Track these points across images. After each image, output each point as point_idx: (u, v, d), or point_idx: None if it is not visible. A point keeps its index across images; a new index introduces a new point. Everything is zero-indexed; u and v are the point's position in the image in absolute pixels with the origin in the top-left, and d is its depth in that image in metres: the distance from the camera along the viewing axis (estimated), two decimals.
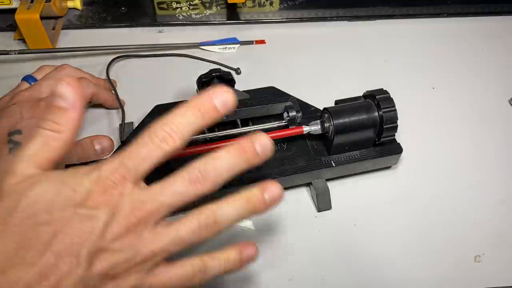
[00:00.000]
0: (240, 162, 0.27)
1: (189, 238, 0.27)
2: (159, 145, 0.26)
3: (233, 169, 0.27)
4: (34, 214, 0.24)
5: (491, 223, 0.42)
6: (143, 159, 0.26)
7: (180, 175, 0.27)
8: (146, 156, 0.26)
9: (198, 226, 0.27)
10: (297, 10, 0.63)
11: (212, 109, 0.27)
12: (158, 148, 0.26)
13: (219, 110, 0.27)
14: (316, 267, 0.39)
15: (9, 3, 0.56)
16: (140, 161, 0.26)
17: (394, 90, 0.43)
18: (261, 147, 0.28)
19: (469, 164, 0.47)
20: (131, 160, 0.26)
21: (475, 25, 0.63)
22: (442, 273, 0.39)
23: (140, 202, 0.26)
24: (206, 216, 0.27)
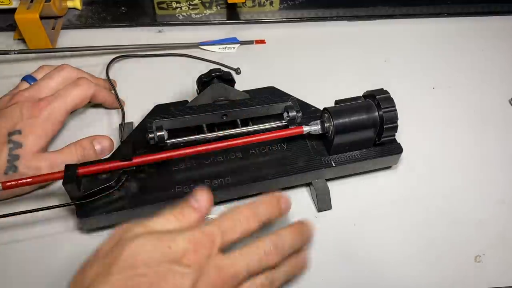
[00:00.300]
0: (298, 241, 0.34)
1: None
2: (243, 223, 0.32)
3: (293, 246, 0.34)
4: (134, 266, 0.27)
5: (492, 223, 0.42)
6: (230, 230, 0.31)
7: (257, 250, 0.31)
8: (232, 229, 0.31)
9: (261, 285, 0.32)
10: (297, 10, 0.63)
11: (279, 210, 0.34)
12: (244, 225, 0.32)
13: (282, 212, 0.35)
14: (316, 267, 0.39)
15: (8, 3, 0.56)
16: (228, 232, 0.31)
17: (394, 90, 0.43)
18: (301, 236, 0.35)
19: (469, 164, 0.47)
20: (220, 229, 0.31)
21: (475, 25, 0.63)
22: (443, 273, 0.39)
23: (224, 266, 0.30)
24: (267, 277, 0.32)
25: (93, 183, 0.38)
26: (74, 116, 0.49)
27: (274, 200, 0.35)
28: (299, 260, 0.35)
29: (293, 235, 0.34)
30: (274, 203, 0.34)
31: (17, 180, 0.36)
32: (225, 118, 0.43)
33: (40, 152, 0.42)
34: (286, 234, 0.33)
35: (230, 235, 0.31)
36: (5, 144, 0.40)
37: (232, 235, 0.31)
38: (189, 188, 0.40)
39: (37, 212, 0.38)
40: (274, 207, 0.34)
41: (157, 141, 0.40)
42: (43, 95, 0.44)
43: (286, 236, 0.33)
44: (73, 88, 0.44)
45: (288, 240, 0.33)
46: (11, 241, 0.40)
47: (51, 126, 0.42)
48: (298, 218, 0.41)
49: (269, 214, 0.34)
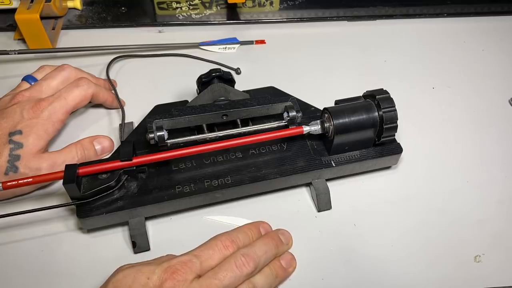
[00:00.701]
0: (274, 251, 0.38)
1: None
2: (222, 251, 0.35)
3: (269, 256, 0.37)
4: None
5: (491, 223, 0.42)
6: (207, 258, 0.34)
7: (230, 264, 0.34)
8: (211, 257, 0.34)
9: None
10: (297, 10, 0.63)
11: (281, 243, 0.38)
12: (221, 253, 0.35)
13: (284, 244, 0.39)
14: (316, 267, 0.39)
15: (9, 3, 0.56)
16: (205, 259, 0.34)
17: (394, 90, 0.43)
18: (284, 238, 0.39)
19: (469, 164, 0.47)
20: (198, 259, 0.34)
21: (475, 25, 0.63)
22: (442, 273, 0.39)
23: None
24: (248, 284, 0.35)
25: (93, 183, 0.38)
26: (74, 116, 0.49)
27: (252, 226, 0.38)
28: (280, 263, 0.37)
29: (265, 242, 0.37)
30: (252, 228, 0.38)
31: (17, 180, 0.36)
32: (225, 118, 0.43)
33: (41, 152, 0.42)
34: (257, 243, 0.36)
35: (209, 262, 0.34)
36: (6, 144, 0.40)
37: (210, 262, 0.34)
38: (189, 188, 0.40)
39: (37, 212, 0.38)
40: (253, 232, 0.38)
41: (157, 141, 0.40)
42: (44, 95, 0.44)
43: (257, 245, 0.36)
44: (73, 88, 0.44)
45: (259, 247, 0.36)
46: (11, 241, 0.40)
47: (51, 126, 0.42)
48: (296, 220, 0.41)
49: (248, 240, 0.37)
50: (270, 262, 0.37)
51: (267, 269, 0.37)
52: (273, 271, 0.37)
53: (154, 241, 0.40)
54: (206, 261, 0.34)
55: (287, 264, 0.38)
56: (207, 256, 0.34)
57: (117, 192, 0.39)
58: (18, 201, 0.42)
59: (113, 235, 0.40)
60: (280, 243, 0.38)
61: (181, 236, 0.40)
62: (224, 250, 0.35)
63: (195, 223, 0.41)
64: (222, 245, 0.35)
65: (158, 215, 0.41)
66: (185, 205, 0.41)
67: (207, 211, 0.42)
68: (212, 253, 0.35)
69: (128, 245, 0.40)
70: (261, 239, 0.37)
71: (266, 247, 0.36)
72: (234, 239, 0.36)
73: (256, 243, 0.36)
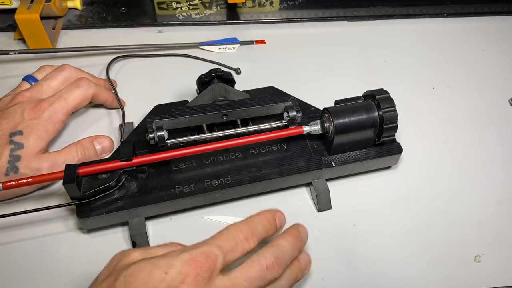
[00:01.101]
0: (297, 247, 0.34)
1: None
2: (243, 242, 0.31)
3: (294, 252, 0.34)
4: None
5: (491, 223, 0.42)
6: (230, 251, 0.30)
7: (258, 261, 0.31)
8: (233, 249, 0.30)
9: None
10: (297, 10, 0.63)
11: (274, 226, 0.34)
12: (241, 246, 0.31)
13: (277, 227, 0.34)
14: (316, 267, 0.39)
15: (9, 3, 0.56)
16: (228, 252, 0.30)
17: (394, 90, 0.43)
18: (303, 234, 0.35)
19: (469, 164, 0.47)
20: (221, 250, 0.30)
21: (475, 25, 0.63)
22: (442, 273, 0.39)
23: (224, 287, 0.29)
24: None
25: (93, 183, 0.38)
26: (74, 116, 0.49)
27: (270, 217, 0.34)
28: (300, 264, 0.35)
29: (292, 243, 0.34)
30: (271, 220, 0.34)
31: (17, 180, 0.36)
32: (225, 118, 0.43)
33: (41, 152, 0.42)
34: (285, 244, 0.33)
35: (232, 255, 0.30)
36: (7, 145, 0.40)
37: (233, 255, 0.30)
38: (189, 188, 0.40)
39: (37, 212, 0.38)
40: (271, 224, 0.34)
41: (157, 141, 0.40)
42: (44, 96, 0.44)
43: (285, 246, 0.33)
44: (74, 88, 0.44)
45: (287, 250, 0.33)
46: (11, 241, 0.40)
47: (52, 127, 0.42)
48: (296, 220, 0.41)
49: (266, 233, 0.33)
50: (294, 262, 0.35)
51: (289, 272, 0.34)
52: (293, 273, 0.34)
53: (154, 241, 0.40)
54: (229, 254, 0.30)
55: (305, 266, 0.35)
56: (230, 248, 0.30)
57: (117, 192, 0.39)
58: (18, 201, 0.42)
59: (113, 235, 0.40)
60: (302, 243, 0.35)
61: (181, 236, 0.40)
62: (245, 243, 0.31)
63: (195, 223, 0.41)
64: (244, 237, 0.31)
65: (158, 215, 0.41)
66: (185, 205, 0.41)
67: (207, 211, 0.42)
68: (235, 245, 0.31)
69: (128, 245, 0.40)
70: (286, 238, 0.34)
71: (293, 248, 0.34)
72: (254, 230, 0.32)
73: (284, 244, 0.33)
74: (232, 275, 0.29)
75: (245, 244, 0.31)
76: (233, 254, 0.30)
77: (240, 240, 0.31)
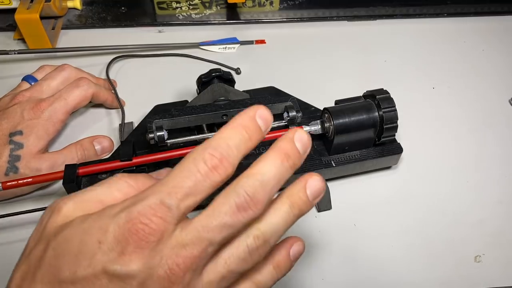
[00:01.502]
0: (287, 169, 0.24)
1: (241, 268, 0.24)
2: (208, 175, 0.22)
3: (281, 180, 0.24)
4: (58, 269, 0.22)
5: (492, 223, 0.42)
6: (188, 194, 0.22)
7: (225, 202, 0.22)
8: (192, 190, 0.22)
9: (248, 253, 0.23)
10: (297, 10, 0.63)
11: (258, 130, 0.24)
12: (207, 179, 0.22)
13: (262, 131, 0.25)
14: (316, 267, 0.39)
15: (8, 3, 0.56)
16: (184, 196, 0.22)
17: (394, 90, 0.43)
18: (302, 145, 0.25)
19: (469, 164, 0.47)
20: (174, 197, 0.22)
21: (475, 25, 0.63)
22: (442, 273, 0.39)
23: (183, 247, 0.22)
24: (254, 238, 0.23)
25: (93, 183, 0.38)
26: (74, 116, 0.49)
27: (248, 120, 0.24)
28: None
29: (279, 164, 0.24)
30: (249, 125, 0.24)
31: (17, 180, 0.36)
32: (225, 118, 0.43)
33: (41, 152, 0.42)
34: (267, 168, 0.23)
35: (192, 199, 0.22)
36: (7, 144, 0.40)
37: (194, 199, 0.22)
38: None
39: (37, 212, 0.38)
40: (251, 131, 0.24)
41: (157, 141, 0.40)
42: (44, 96, 0.44)
43: (268, 171, 0.23)
44: (73, 88, 0.44)
45: (272, 176, 0.23)
46: (11, 241, 0.40)
47: (52, 127, 0.42)
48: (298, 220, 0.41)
49: (245, 148, 0.24)
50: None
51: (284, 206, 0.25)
52: (295, 207, 0.25)
53: None
54: (188, 198, 0.22)
55: (313, 192, 0.25)
56: (187, 189, 0.22)
57: None
58: (18, 201, 0.42)
59: None
60: (298, 160, 0.25)
61: None
62: (212, 176, 0.22)
63: None
64: (209, 167, 0.22)
65: None
66: None
67: None
68: (195, 183, 0.22)
69: None
70: (271, 157, 0.24)
71: (281, 171, 0.24)
72: (224, 152, 0.23)
73: (266, 169, 0.23)
74: (191, 227, 0.22)
75: (212, 177, 0.22)
76: (194, 197, 0.22)
77: (203, 174, 0.22)
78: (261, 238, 0.23)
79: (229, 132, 0.23)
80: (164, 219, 0.21)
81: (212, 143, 0.23)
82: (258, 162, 0.24)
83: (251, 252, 0.23)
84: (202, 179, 0.22)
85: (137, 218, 0.21)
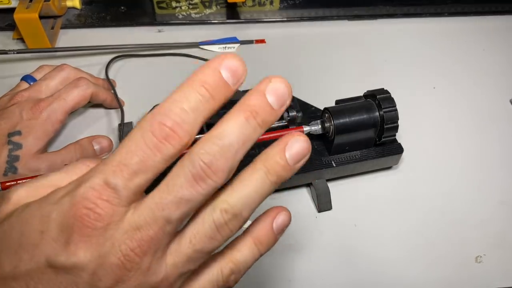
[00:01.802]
0: (255, 128, 0.20)
1: (209, 247, 0.21)
2: (159, 147, 0.19)
3: (247, 142, 0.20)
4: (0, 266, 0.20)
5: (493, 224, 0.42)
6: (136, 171, 0.19)
7: (180, 174, 0.19)
8: (140, 166, 0.19)
9: (215, 229, 0.20)
10: (297, 9, 0.63)
11: (222, 84, 0.20)
12: (158, 152, 0.19)
13: (229, 85, 0.21)
14: (316, 268, 0.39)
15: (8, 2, 0.56)
16: (132, 175, 0.19)
17: (395, 89, 0.43)
18: (276, 97, 0.21)
19: (470, 164, 0.47)
20: (119, 175, 0.19)
21: (476, 25, 0.63)
22: (443, 273, 0.39)
23: (137, 229, 0.19)
24: (222, 212, 0.20)
25: None
26: (73, 116, 0.49)
27: (209, 74, 0.20)
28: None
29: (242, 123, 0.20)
30: (209, 81, 0.20)
31: (16, 180, 0.36)
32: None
33: (40, 153, 0.41)
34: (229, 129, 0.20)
35: (142, 177, 0.19)
36: (5, 145, 0.40)
37: (144, 176, 0.19)
38: None
39: None
40: (212, 88, 0.20)
41: None
42: (43, 96, 0.44)
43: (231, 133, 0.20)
44: (72, 88, 0.44)
45: (235, 138, 0.20)
46: None
47: (51, 127, 0.42)
48: (296, 221, 0.41)
49: (206, 109, 0.20)
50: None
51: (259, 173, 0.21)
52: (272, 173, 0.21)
53: None
54: (137, 175, 0.19)
55: (293, 155, 0.21)
56: (135, 168, 0.19)
57: None
58: None
59: None
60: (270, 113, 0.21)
61: None
62: (162, 147, 0.19)
63: None
64: (158, 139, 0.19)
65: None
66: None
67: None
68: (143, 157, 0.19)
69: None
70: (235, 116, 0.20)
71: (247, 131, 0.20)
72: (178, 117, 0.19)
73: (227, 131, 0.20)
74: (143, 206, 0.19)
75: (164, 150, 0.19)
76: (145, 175, 0.19)
77: (152, 148, 0.19)
78: (230, 212, 0.20)
79: (184, 92, 0.19)
80: (111, 202, 0.19)
81: (162, 108, 0.19)
82: (218, 123, 0.20)
83: (219, 228, 0.20)
84: (152, 153, 0.19)
85: (80, 202, 0.19)
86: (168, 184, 0.19)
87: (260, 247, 0.24)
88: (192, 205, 0.19)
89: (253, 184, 0.21)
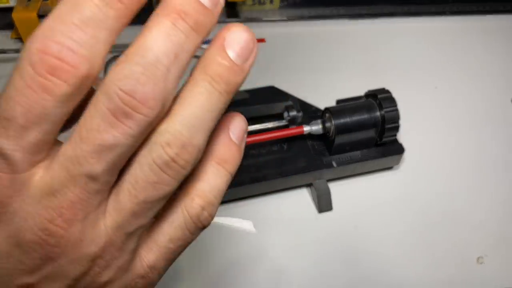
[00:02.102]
0: (187, 34, 0.16)
1: (159, 194, 0.17)
2: (45, 86, 0.14)
3: (180, 54, 0.16)
4: None
5: (494, 224, 0.42)
6: (25, 125, 0.14)
7: (94, 114, 0.15)
8: (28, 117, 0.14)
9: (157, 170, 0.16)
10: (297, 8, 0.62)
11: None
12: (46, 94, 0.14)
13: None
14: (316, 269, 0.38)
15: (6, 1, 0.56)
16: (20, 130, 0.15)
17: (396, 89, 0.42)
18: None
19: (471, 164, 0.47)
20: (3, 135, 0.15)
21: (478, 24, 0.63)
22: (444, 274, 0.39)
23: (51, 195, 0.15)
24: (164, 147, 0.16)
25: None
26: None
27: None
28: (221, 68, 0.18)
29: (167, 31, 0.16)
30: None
31: None
32: None
33: None
34: (152, 41, 0.17)
35: (36, 130, 0.15)
36: None
37: (38, 128, 0.15)
38: None
39: None
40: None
41: None
42: None
43: (156, 47, 0.16)
44: None
45: (161, 52, 0.16)
46: None
47: None
48: (296, 222, 0.40)
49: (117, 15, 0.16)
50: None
51: (202, 84, 0.18)
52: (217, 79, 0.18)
53: None
54: (26, 132, 0.15)
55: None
56: (21, 121, 0.14)
57: None
58: None
59: None
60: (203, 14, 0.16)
61: None
62: (49, 85, 0.14)
63: None
64: (41, 74, 0.14)
65: None
66: None
67: None
68: (28, 109, 0.14)
69: None
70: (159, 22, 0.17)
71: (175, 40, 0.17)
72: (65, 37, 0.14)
73: (151, 43, 0.17)
74: (54, 165, 0.15)
75: (55, 89, 0.14)
76: (39, 126, 0.15)
77: (36, 88, 0.14)
78: (174, 143, 0.16)
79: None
80: (2, 170, 0.15)
81: (42, 28, 0.14)
82: (137, 36, 0.15)
83: (164, 167, 0.16)
84: (38, 97, 0.14)
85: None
86: (82, 130, 0.15)
87: (226, 166, 0.19)
88: (120, 151, 0.15)
89: (198, 99, 0.17)
